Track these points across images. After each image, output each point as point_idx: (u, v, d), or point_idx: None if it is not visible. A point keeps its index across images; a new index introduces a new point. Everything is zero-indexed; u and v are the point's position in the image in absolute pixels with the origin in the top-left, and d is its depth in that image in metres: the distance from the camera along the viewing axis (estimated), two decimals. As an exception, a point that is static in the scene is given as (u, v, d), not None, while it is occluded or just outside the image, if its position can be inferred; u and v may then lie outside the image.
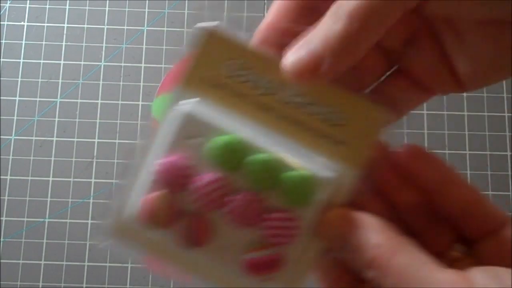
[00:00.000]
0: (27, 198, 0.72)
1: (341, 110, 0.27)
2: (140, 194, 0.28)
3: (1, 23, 0.78)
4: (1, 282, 0.69)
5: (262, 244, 0.27)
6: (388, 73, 0.29)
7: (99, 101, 0.75)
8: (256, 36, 0.28)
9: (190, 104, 0.28)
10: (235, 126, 0.28)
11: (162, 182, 0.27)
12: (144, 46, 0.77)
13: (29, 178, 0.73)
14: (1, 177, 0.72)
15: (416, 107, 0.29)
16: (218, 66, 0.27)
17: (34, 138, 0.74)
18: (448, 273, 0.23)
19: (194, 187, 0.27)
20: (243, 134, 0.27)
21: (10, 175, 0.73)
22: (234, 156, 0.27)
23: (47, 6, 0.79)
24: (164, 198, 0.27)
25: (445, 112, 0.76)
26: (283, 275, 0.28)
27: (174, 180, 0.27)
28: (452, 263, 0.26)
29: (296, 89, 0.27)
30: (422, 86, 0.28)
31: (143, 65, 0.76)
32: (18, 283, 0.69)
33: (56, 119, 0.75)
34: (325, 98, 0.27)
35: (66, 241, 0.70)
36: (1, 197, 0.72)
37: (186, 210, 0.27)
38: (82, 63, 0.76)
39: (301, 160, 0.27)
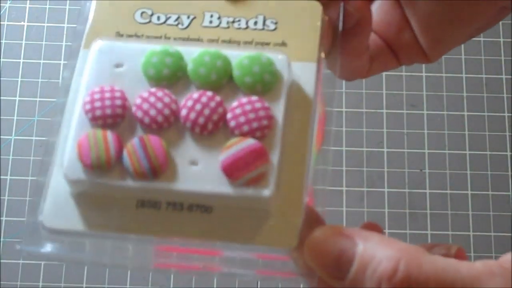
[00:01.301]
0: (27, 198, 0.72)
1: (269, 15, 0.25)
2: (70, 143, 0.23)
3: (1, 23, 0.78)
4: (1, 282, 0.69)
5: (235, 139, 0.22)
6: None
7: (99, 101, 0.75)
8: None
9: (104, 39, 0.24)
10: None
11: (92, 114, 0.23)
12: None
13: (29, 178, 0.73)
14: (1, 177, 0.72)
15: (381, 72, 0.29)
16: (130, 16, 0.25)
17: (34, 138, 0.74)
18: (480, 265, 0.20)
19: (136, 106, 0.23)
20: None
21: (10, 175, 0.73)
22: (173, 61, 0.23)
23: (47, 6, 0.79)
24: (101, 130, 0.22)
25: (445, 112, 0.76)
26: (273, 167, 0.22)
27: (108, 107, 0.23)
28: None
29: (218, 10, 0.25)
30: (388, 47, 0.28)
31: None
32: (18, 283, 0.69)
33: (56, 119, 0.75)
34: (249, 11, 0.25)
35: (66, 241, 0.71)
36: (1, 197, 0.72)
37: (131, 138, 0.23)
38: (82, 63, 0.77)
39: (244, 51, 0.24)
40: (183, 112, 0.23)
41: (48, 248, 0.23)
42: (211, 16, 0.25)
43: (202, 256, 0.23)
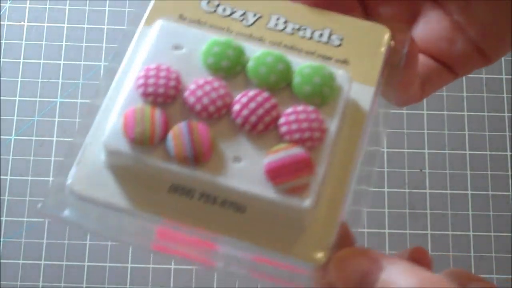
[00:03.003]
0: (27, 198, 0.72)
1: (336, 31, 0.25)
2: (115, 114, 0.22)
3: (1, 23, 0.78)
4: (1, 282, 0.69)
5: (284, 144, 0.22)
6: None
7: (99, 101, 0.75)
8: None
9: (166, 19, 0.24)
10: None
11: (144, 89, 0.22)
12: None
13: (29, 178, 0.73)
14: (1, 177, 0.72)
15: (437, 90, 0.28)
16: (196, 1, 0.25)
17: (34, 138, 0.74)
18: None
19: (189, 91, 0.22)
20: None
21: (10, 175, 0.73)
22: (234, 55, 0.23)
23: (47, 6, 0.79)
24: (150, 107, 0.22)
25: (445, 112, 0.76)
26: (316, 180, 0.22)
27: (162, 86, 0.22)
28: None
29: (285, 14, 0.25)
30: (443, 64, 0.27)
31: (143, 65, 0.76)
32: (18, 283, 0.69)
33: (56, 119, 0.75)
34: (316, 21, 0.25)
35: (66, 241, 0.71)
36: (1, 197, 0.72)
37: (178, 122, 0.22)
38: (82, 63, 0.76)
39: (307, 60, 0.24)
40: (236, 107, 0.22)
41: (69, 213, 0.22)
42: (278, 19, 0.25)
43: (200, 249, 0.23)
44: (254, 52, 0.23)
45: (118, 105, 0.22)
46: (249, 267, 0.22)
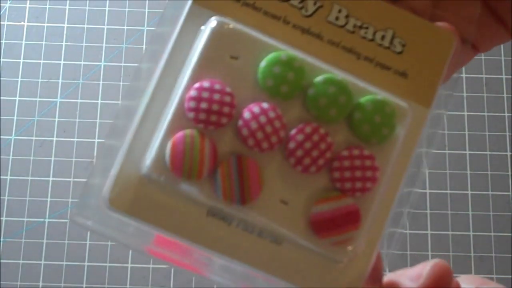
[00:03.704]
0: (27, 198, 0.72)
1: (399, 33, 0.23)
2: (160, 136, 0.21)
3: (1, 23, 0.78)
4: (1, 282, 0.69)
5: (333, 192, 0.21)
6: None
7: (99, 101, 0.75)
8: None
9: (220, 19, 0.22)
10: (283, 46, 0.22)
11: (195, 115, 0.21)
12: (144, 46, 0.77)
13: (29, 178, 0.73)
14: (1, 177, 0.72)
15: (461, 67, 0.28)
16: None
17: (34, 138, 0.74)
18: None
19: (243, 121, 0.21)
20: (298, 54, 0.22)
21: (10, 175, 0.73)
22: (295, 79, 0.21)
23: (47, 6, 0.79)
24: (200, 136, 0.21)
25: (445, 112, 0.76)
26: (362, 235, 0.21)
27: (215, 113, 0.21)
28: None
29: (347, 6, 0.22)
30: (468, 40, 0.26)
31: (143, 65, 0.76)
32: (18, 283, 0.69)
33: (56, 119, 0.75)
34: (381, 19, 0.23)
35: (66, 241, 0.71)
36: (1, 197, 0.72)
37: (227, 154, 0.21)
38: (82, 63, 0.76)
39: (369, 87, 0.22)
40: (291, 145, 0.21)
41: (99, 225, 0.21)
42: (339, 11, 0.22)
43: (195, 259, 0.22)
44: (316, 72, 0.22)
45: (165, 126, 0.21)
46: (243, 279, 0.22)
